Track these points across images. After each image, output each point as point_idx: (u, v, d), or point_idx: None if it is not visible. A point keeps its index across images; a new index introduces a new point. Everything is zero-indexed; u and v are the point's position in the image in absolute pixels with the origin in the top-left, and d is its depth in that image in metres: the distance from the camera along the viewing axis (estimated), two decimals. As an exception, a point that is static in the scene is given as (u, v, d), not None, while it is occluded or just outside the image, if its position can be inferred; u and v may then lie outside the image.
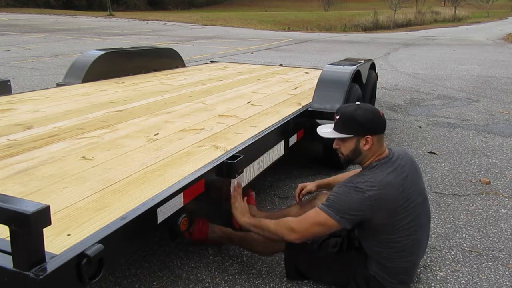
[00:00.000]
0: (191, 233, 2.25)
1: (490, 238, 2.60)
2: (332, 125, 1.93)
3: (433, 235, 2.61)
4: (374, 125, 1.86)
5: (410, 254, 1.92)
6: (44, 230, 1.11)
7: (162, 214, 1.57)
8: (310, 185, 2.38)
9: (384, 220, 1.80)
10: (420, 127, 5.04)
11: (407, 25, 34.63)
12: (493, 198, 3.17)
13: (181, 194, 1.68)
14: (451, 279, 2.19)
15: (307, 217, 1.86)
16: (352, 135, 1.87)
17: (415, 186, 1.88)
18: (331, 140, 1.98)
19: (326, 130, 1.96)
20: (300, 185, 2.41)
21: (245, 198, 2.23)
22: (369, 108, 1.89)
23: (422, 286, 2.13)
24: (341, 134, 1.89)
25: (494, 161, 3.95)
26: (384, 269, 1.91)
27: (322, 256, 2.01)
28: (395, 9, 34.38)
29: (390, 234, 1.84)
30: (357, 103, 1.94)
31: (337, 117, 1.90)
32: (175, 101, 3.34)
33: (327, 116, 3.10)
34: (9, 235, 1.10)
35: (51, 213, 1.10)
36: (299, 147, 2.98)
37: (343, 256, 2.00)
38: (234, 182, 2.08)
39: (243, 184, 2.20)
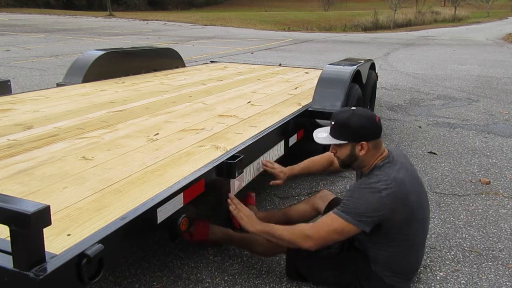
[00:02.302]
0: (192, 234, 2.25)
1: (490, 238, 2.60)
2: (328, 129, 1.93)
3: (433, 235, 2.61)
4: (369, 131, 1.85)
5: (417, 250, 1.95)
6: (44, 230, 1.11)
7: (162, 214, 1.57)
8: (281, 177, 2.35)
9: (403, 216, 1.80)
10: (420, 127, 5.04)
11: (407, 25, 34.64)
12: (493, 198, 3.17)
13: (181, 194, 1.68)
14: (451, 279, 2.19)
15: (323, 224, 1.83)
16: (346, 142, 1.87)
17: (417, 180, 1.93)
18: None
19: (321, 135, 1.96)
20: (272, 183, 2.37)
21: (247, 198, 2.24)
22: (364, 114, 1.87)
23: (422, 286, 2.13)
24: (336, 140, 1.89)
25: (494, 161, 3.95)
26: (391, 269, 1.92)
27: (323, 256, 2.01)
28: (395, 9, 34.40)
29: (408, 229, 1.85)
30: (353, 108, 1.92)
31: (332, 123, 1.90)
32: (175, 101, 3.34)
33: (327, 116, 3.10)
34: (9, 235, 1.10)
35: (51, 213, 1.10)
36: (299, 147, 2.98)
37: (344, 256, 2.01)
38: (234, 182, 2.09)
39: (243, 184, 2.20)
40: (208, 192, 1.87)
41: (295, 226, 1.90)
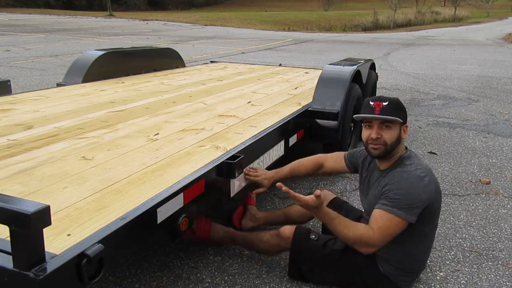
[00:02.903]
0: (194, 231, 2.25)
1: (490, 238, 2.60)
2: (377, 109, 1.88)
3: (433, 235, 2.61)
4: (406, 112, 1.95)
5: (431, 245, 2.01)
6: (44, 230, 1.11)
7: (162, 214, 1.57)
8: (265, 184, 2.25)
9: (437, 204, 1.88)
10: (420, 127, 5.04)
11: (407, 25, 34.63)
12: (493, 198, 3.17)
13: (181, 194, 1.68)
14: (451, 279, 2.19)
15: (383, 228, 1.79)
16: (402, 121, 1.90)
17: None
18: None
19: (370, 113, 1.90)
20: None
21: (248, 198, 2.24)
22: (393, 97, 1.93)
23: (422, 286, 2.13)
24: (393, 117, 1.85)
25: (494, 161, 3.95)
26: (400, 268, 1.92)
27: (327, 254, 2.01)
28: (395, 9, 34.40)
29: (434, 220, 1.92)
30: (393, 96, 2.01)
31: (385, 104, 1.86)
32: (175, 101, 3.34)
33: (327, 116, 3.11)
34: (9, 235, 1.10)
35: (51, 213, 1.10)
36: (299, 147, 2.98)
37: (348, 255, 1.99)
38: (234, 182, 2.08)
39: (243, 184, 2.20)
40: (208, 192, 1.87)
41: (361, 231, 1.83)
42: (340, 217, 1.88)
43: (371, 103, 1.89)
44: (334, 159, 2.32)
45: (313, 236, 2.06)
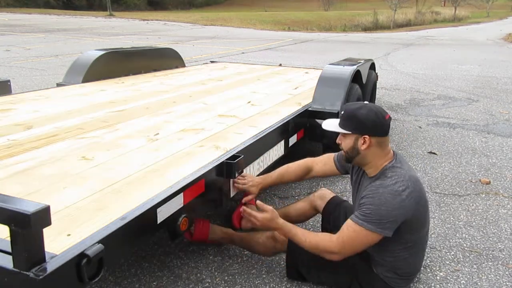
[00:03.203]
0: (192, 233, 2.25)
1: (490, 238, 2.60)
2: (338, 120, 1.92)
3: (433, 235, 2.61)
4: (374, 126, 1.80)
5: (423, 250, 1.97)
6: (44, 230, 1.11)
7: (162, 214, 1.57)
8: (253, 191, 2.22)
9: (420, 215, 1.83)
10: (420, 127, 5.04)
11: (407, 25, 34.62)
12: (493, 198, 3.17)
13: (181, 194, 1.68)
14: (451, 279, 2.19)
15: (347, 238, 1.79)
16: (350, 132, 1.84)
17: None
18: (334, 137, 1.97)
19: (330, 123, 1.95)
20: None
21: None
22: (374, 109, 1.83)
23: (422, 286, 2.13)
24: (341, 129, 1.87)
25: (494, 161, 3.95)
26: (393, 272, 1.91)
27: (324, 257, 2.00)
28: (395, 9, 34.38)
29: (421, 230, 1.87)
30: (365, 102, 1.92)
31: (342, 113, 1.89)
32: (175, 101, 3.34)
33: (327, 116, 3.10)
34: (9, 235, 1.10)
35: (51, 213, 1.10)
36: (299, 147, 2.98)
37: (345, 258, 2.00)
38: (232, 182, 2.09)
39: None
40: (208, 192, 1.87)
41: (317, 240, 1.86)
42: (297, 228, 1.91)
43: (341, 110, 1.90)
44: (323, 162, 2.27)
45: None
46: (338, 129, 1.88)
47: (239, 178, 2.16)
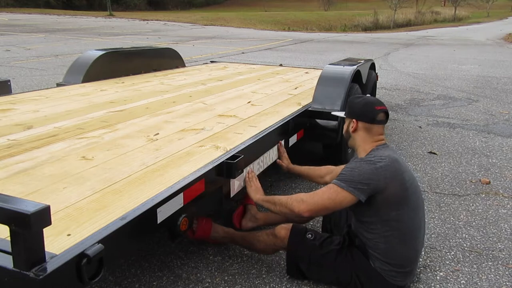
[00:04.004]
0: (194, 231, 2.25)
1: (490, 238, 2.60)
2: None
3: (433, 235, 2.61)
4: (362, 112, 2.05)
5: (413, 238, 1.96)
6: (44, 230, 1.11)
7: (162, 214, 1.57)
8: (285, 162, 2.61)
9: (396, 191, 1.88)
10: (420, 127, 5.04)
11: (407, 25, 34.64)
12: (493, 198, 3.17)
13: (181, 194, 1.68)
14: (451, 279, 2.19)
15: (319, 191, 1.94)
16: (345, 116, 2.15)
17: (410, 170, 2.03)
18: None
19: (339, 112, 2.40)
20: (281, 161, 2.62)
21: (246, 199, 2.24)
22: (368, 99, 2.10)
23: (422, 286, 2.13)
24: (341, 113, 2.25)
25: (494, 161, 3.95)
26: (388, 262, 1.92)
27: (324, 253, 2.01)
28: (395, 9, 34.41)
29: (399, 209, 1.89)
30: (367, 95, 2.25)
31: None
32: (175, 101, 3.34)
33: (327, 116, 3.10)
34: (9, 235, 1.10)
35: (51, 213, 1.10)
36: (299, 147, 2.98)
37: (345, 254, 2.00)
38: (234, 182, 2.09)
39: (243, 184, 2.20)
40: (208, 192, 1.87)
41: (292, 195, 2.03)
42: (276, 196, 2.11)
43: None
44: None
45: (310, 235, 2.06)
46: (339, 113, 2.35)
47: (282, 145, 2.63)
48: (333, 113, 2.55)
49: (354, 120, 2.06)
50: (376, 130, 2.03)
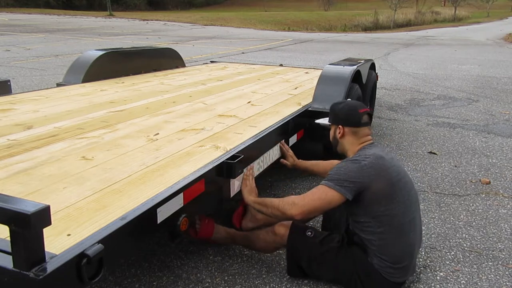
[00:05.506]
0: (197, 231, 2.25)
1: (490, 238, 2.60)
2: None
3: (433, 235, 2.61)
4: (347, 117, 2.11)
5: (407, 233, 1.96)
6: (44, 230, 1.11)
7: (162, 214, 1.57)
8: (290, 161, 2.63)
9: (383, 187, 1.90)
10: (420, 127, 5.04)
11: (407, 25, 34.65)
12: (493, 198, 3.17)
13: (181, 194, 1.68)
14: (451, 279, 2.19)
15: (309, 193, 1.97)
16: (330, 123, 2.20)
17: (401, 166, 2.06)
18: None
19: (322, 119, 2.36)
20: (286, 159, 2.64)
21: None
22: (351, 103, 2.17)
23: (422, 286, 2.13)
24: (325, 122, 2.25)
25: (494, 161, 3.95)
26: (384, 259, 1.93)
27: (324, 251, 2.02)
28: (395, 9, 34.42)
29: (388, 204, 1.90)
30: (348, 99, 2.23)
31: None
32: (175, 101, 3.34)
33: (327, 116, 3.10)
34: (9, 235, 1.10)
35: (51, 213, 1.10)
36: (299, 147, 2.98)
37: (344, 251, 2.01)
38: (234, 182, 2.09)
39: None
40: (208, 192, 1.86)
41: (284, 198, 2.03)
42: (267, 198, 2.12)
43: None
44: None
45: (309, 233, 2.07)
46: (323, 121, 2.31)
47: (284, 144, 2.65)
48: (316, 121, 2.47)
49: (340, 126, 2.12)
50: (363, 132, 2.09)
